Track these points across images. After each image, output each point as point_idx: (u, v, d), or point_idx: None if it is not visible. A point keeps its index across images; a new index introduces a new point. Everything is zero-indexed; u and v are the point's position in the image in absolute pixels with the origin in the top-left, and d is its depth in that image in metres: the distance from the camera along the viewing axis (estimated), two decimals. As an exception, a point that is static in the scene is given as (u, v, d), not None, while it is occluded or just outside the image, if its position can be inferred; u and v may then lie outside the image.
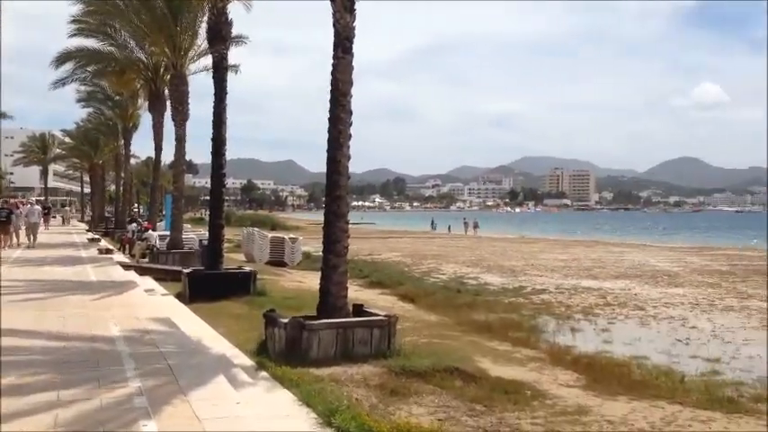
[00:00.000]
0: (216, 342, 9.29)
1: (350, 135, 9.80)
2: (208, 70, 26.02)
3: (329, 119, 9.68)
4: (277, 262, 28.36)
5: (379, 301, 17.52)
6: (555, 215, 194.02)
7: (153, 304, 12.42)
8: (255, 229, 31.78)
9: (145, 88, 31.14)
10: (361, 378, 8.11)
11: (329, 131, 9.68)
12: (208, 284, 15.22)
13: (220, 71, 16.34)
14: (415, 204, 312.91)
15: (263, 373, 7.60)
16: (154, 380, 6.36)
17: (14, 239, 26.79)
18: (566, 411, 7.48)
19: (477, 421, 7.12)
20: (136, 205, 67.34)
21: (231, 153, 16.38)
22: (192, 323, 10.72)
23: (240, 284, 15.46)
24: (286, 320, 8.94)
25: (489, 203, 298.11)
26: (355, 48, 9.68)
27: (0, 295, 10.53)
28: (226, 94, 16.26)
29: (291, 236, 30.48)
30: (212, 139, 16.14)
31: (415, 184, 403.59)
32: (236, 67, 27.45)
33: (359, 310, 9.86)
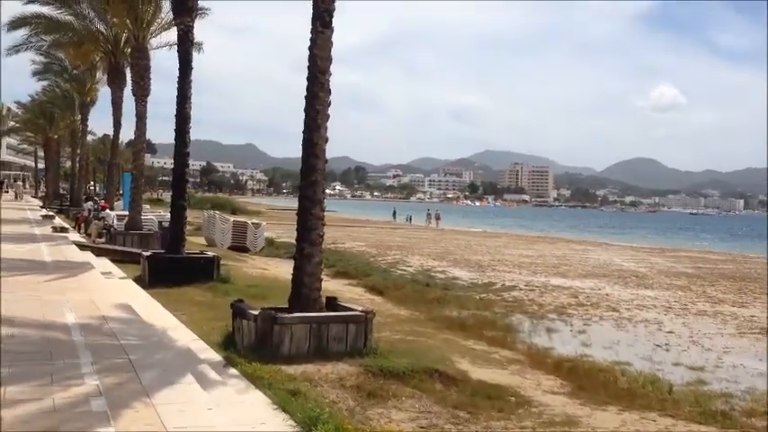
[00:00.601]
0: (179, 333, 8.66)
1: (328, 116, 9.22)
2: (171, 45, 25.39)
3: (306, 97, 9.09)
4: (239, 247, 27.58)
5: (345, 293, 16.98)
6: (514, 210, 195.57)
7: (111, 288, 11.68)
8: (217, 212, 30.88)
9: (104, 61, 30.08)
10: (336, 378, 7.59)
11: (306, 111, 9.09)
12: (168, 269, 14.55)
13: (185, 44, 15.56)
14: (375, 194, 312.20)
15: (233, 371, 7.02)
16: (114, 377, 5.71)
17: None
18: (554, 421, 7.07)
19: (461, 430, 6.67)
20: (92, 183, 65.51)
21: (191, 134, 15.58)
22: (153, 311, 10.05)
23: (202, 270, 14.83)
24: (256, 312, 8.36)
25: (450, 195, 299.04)
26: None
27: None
28: (191, 69, 15.52)
29: (254, 221, 29.68)
30: (176, 116, 15.39)
31: (376, 174, 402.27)
32: (199, 45, 26.50)
33: (333, 303, 9.33)
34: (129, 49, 24.72)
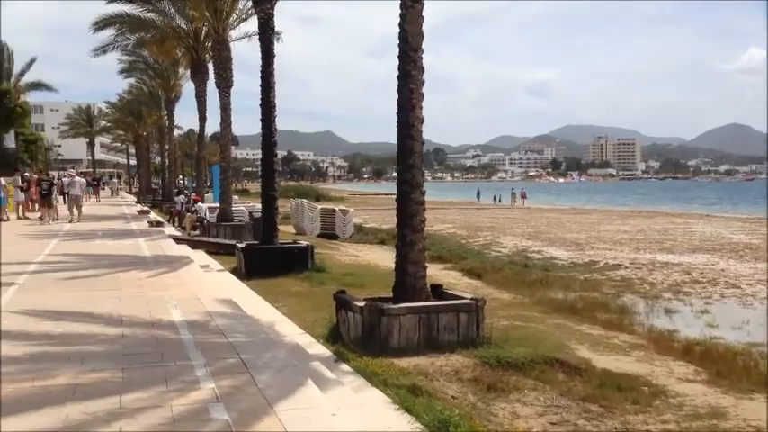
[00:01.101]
0: (285, 327, 8.39)
1: (422, 95, 8.70)
2: (249, 37, 25.50)
3: (398, 77, 8.60)
4: (328, 234, 27.54)
5: (442, 278, 16.48)
6: (600, 185, 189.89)
7: (211, 282, 11.59)
8: (305, 200, 30.90)
9: (186, 56, 30.46)
10: (451, 371, 7.13)
11: (399, 91, 8.60)
12: (264, 259, 14.46)
13: (266, 32, 15.35)
14: (455, 175, 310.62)
15: (345, 366, 6.66)
16: (228, 379, 5.42)
17: (56, 213, 25.75)
18: (698, 414, 6.40)
19: (597, 426, 6.09)
20: (180, 177, 67.36)
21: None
22: (254, 304, 9.85)
23: (297, 259, 14.66)
24: (361, 304, 7.99)
25: (532, 173, 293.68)
26: (386, 18, 8.53)
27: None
28: (273, 57, 15.30)
29: (342, 207, 29.54)
30: (261, 106, 15.22)
31: (455, 155, 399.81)
32: (279, 34, 26.45)
33: (439, 291, 8.88)
34: (210, 43, 24.91)
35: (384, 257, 21.76)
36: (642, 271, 16.29)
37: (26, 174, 31.75)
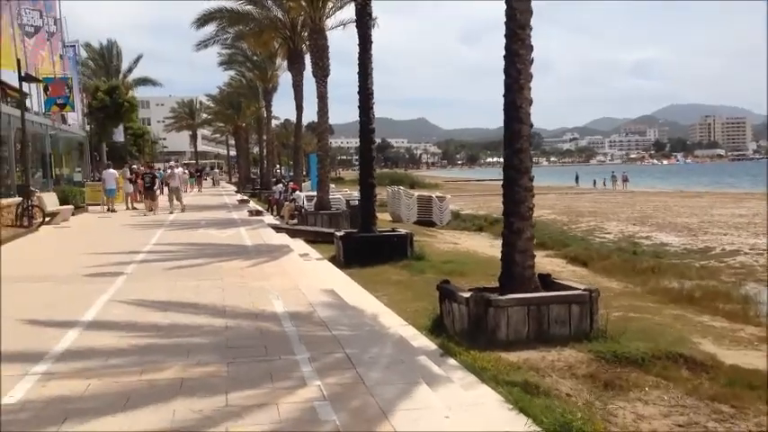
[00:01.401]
0: (388, 319, 8.18)
1: (531, 75, 8.24)
2: (344, 25, 25.47)
3: (505, 57, 8.15)
4: (425, 221, 27.30)
5: (546, 265, 15.90)
6: (708, 166, 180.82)
7: (311, 271, 11.55)
8: (401, 187, 30.77)
9: (283, 47, 30.86)
10: (564, 366, 6.70)
11: (506, 72, 8.16)
12: (362, 248, 14.33)
13: (364, 18, 15.15)
14: (552, 159, 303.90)
15: (452, 361, 6.35)
16: (335, 376, 5.23)
17: (158, 205, 26.29)
18: None
19: (729, 428, 5.51)
20: (277, 166, 68.73)
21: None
22: (355, 294, 9.70)
23: (396, 247, 14.46)
24: (467, 295, 7.66)
25: (633, 156, 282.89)
26: (481, 3, 8.06)
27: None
28: (371, 43, 15.09)
29: (438, 194, 29.19)
30: (359, 93, 15.06)
31: (552, 139, 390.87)
32: (375, 20, 26.34)
33: (547, 281, 8.42)
34: (307, 32, 25.05)
35: (483, 244, 21.30)
36: (764, 257, 15.13)
37: (134, 166, 33.11)
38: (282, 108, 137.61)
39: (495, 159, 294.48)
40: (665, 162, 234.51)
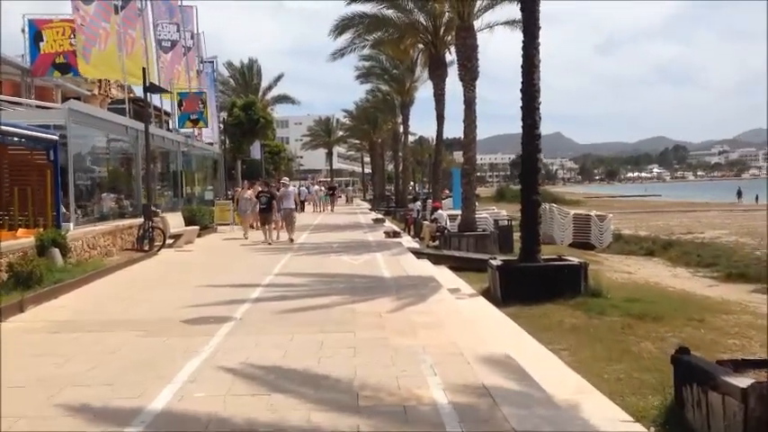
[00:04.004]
0: (597, 405, 5.34)
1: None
2: (491, 27, 22.88)
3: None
4: (582, 243, 23.91)
5: (762, 307, 12.33)
6: None
7: (469, 318, 8.79)
8: (554, 205, 27.42)
9: (424, 53, 28.71)
10: None
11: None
12: (525, 281, 11.47)
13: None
14: (699, 173, 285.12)
15: None
16: None
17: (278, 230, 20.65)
18: None
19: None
20: (411, 183, 66.84)
21: (495, 129, 12.44)
22: (540, 360, 6.88)
23: (566, 281, 11.46)
24: (739, 384, 4.62)
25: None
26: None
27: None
28: (538, 28, 12.25)
29: (598, 213, 25.61)
30: (522, 90, 12.26)
31: (698, 152, 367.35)
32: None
33: None
34: (452, 35, 22.73)
35: (662, 274, 17.73)
36: None
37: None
38: (417, 125, 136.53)
39: (636, 174, 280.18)
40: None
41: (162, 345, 7.11)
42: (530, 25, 12.17)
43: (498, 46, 19.46)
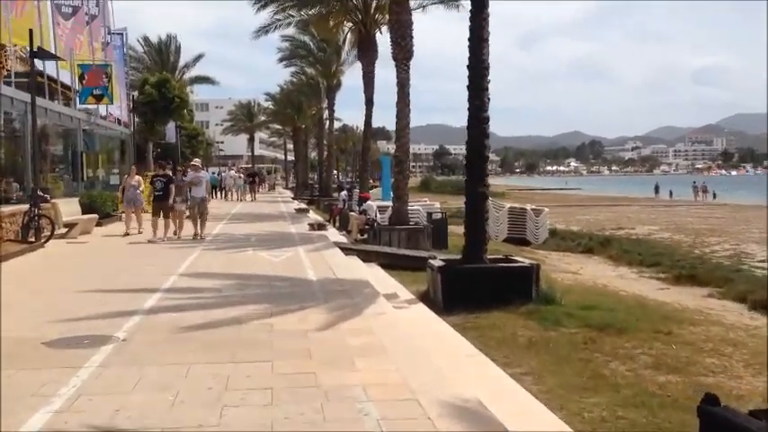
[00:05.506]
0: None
1: None
2: (424, 7, 21.53)
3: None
4: (517, 239, 22.78)
5: (725, 315, 11.29)
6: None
7: (415, 335, 7.15)
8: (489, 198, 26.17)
9: (353, 33, 26.89)
10: None
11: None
12: (470, 285, 10.00)
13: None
14: (613, 168, 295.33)
15: None
16: None
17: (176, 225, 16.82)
18: None
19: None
20: (335, 172, 65.12)
21: (420, 119, 11.15)
22: (522, 407, 5.29)
23: (515, 285, 10.06)
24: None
25: (699, 166, 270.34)
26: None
27: None
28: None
29: (534, 207, 24.51)
30: (469, 67, 10.77)
31: (612, 147, 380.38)
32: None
33: None
34: (384, 14, 21.12)
35: (607, 275, 16.61)
36: None
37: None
38: (342, 113, 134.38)
39: (554, 168, 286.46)
40: (733, 173, 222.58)
41: (4, 383, 5.13)
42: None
43: (420, 34, 17.98)
